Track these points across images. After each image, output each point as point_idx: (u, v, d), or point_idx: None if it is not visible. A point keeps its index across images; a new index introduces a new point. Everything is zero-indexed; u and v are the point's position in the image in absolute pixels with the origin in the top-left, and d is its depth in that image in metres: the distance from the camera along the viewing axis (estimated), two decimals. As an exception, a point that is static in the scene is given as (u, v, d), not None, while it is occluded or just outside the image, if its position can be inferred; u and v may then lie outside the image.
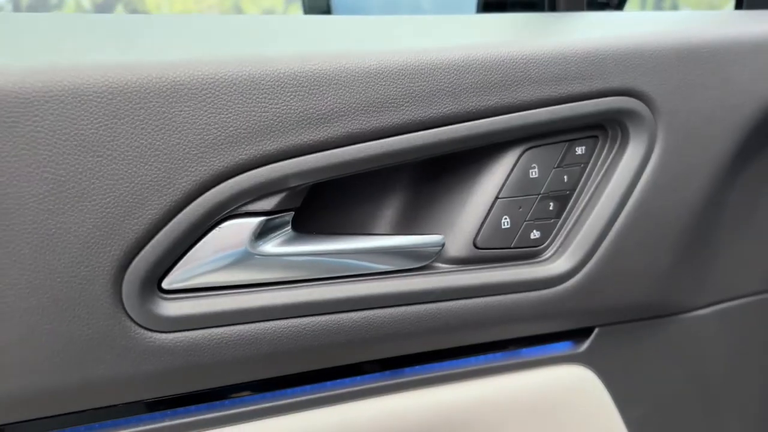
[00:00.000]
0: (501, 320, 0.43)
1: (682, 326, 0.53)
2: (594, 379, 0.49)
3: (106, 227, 0.29)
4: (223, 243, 0.33)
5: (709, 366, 0.56)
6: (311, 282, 0.37)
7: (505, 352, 0.47)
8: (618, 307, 0.47)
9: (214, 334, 0.34)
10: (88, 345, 0.31)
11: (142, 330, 0.32)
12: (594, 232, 0.43)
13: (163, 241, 0.31)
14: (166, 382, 0.34)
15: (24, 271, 0.28)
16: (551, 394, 0.47)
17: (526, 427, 0.47)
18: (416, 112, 0.35)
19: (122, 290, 0.31)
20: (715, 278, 0.52)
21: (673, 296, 0.50)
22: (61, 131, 0.28)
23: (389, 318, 0.39)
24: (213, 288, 0.34)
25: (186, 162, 0.30)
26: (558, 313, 0.45)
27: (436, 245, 0.40)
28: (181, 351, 0.33)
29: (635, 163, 0.43)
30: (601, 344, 0.49)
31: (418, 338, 0.41)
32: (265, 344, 0.35)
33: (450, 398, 0.44)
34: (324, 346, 0.37)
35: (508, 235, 0.42)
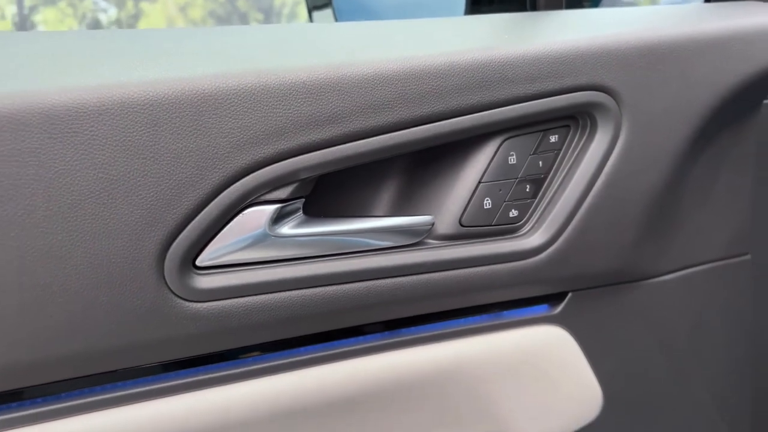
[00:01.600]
0: (484, 287, 0.48)
1: (647, 291, 0.57)
2: (567, 337, 0.54)
3: (150, 216, 0.35)
4: (246, 227, 0.38)
5: (672, 326, 0.60)
6: (320, 258, 0.42)
7: (489, 315, 0.51)
8: (588, 275, 0.52)
9: (240, 302, 0.39)
10: (137, 313, 0.36)
11: (181, 300, 0.37)
12: (565, 210, 0.48)
13: (197, 227, 0.36)
14: (200, 343, 0.39)
15: (86, 254, 0.34)
16: (530, 350, 0.52)
17: (508, 379, 0.51)
18: (407, 112, 0.40)
19: (164, 268, 0.36)
20: (677, 248, 0.57)
21: (637, 264, 0.54)
22: (112, 138, 0.33)
23: (387, 287, 0.44)
24: (238, 264, 0.39)
25: (214, 161, 0.36)
26: (534, 281, 0.49)
27: (427, 224, 0.45)
28: (213, 317, 0.38)
29: (602, 149, 0.47)
30: (573, 307, 0.53)
31: (413, 304, 0.46)
32: (282, 310, 0.40)
33: (441, 354, 0.48)
34: (332, 312, 0.43)
35: (489, 214, 0.46)
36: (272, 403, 0.43)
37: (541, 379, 0.54)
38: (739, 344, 0.68)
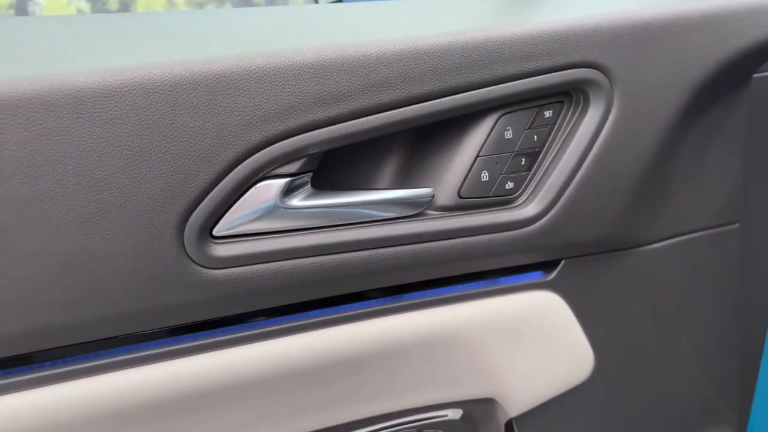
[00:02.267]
0: (481, 255, 0.50)
1: (638, 258, 0.59)
2: (560, 302, 0.56)
3: (171, 190, 0.37)
4: (258, 199, 0.41)
5: (662, 292, 0.63)
6: (327, 228, 0.44)
7: (485, 281, 0.53)
8: (580, 243, 0.54)
9: (254, 270, 0.42)
10: (160, 279, 0.39)
11: (199, 267, 0.40)
12: (559, 182, 0.50)
13: (214, 199, 0.39)
14: (217, 307, 0.42)
15: (112, 225, 0.37)
16: (524, 315, 0.55)
17: (503, 341, 0.54)
18: (409, 90, 0.42)
19: (184, 237, 0.38)
20: (666, 217, 0.58)
21: (628, 233, 0.56)
22: (134, 118, 0.36)
23: (390, 255, 0.46)
24: (252, 234, 0.41)
25: (229, 138, 0.38)
26: (529, 249, 0.52)
27: (427, 196, 0.47)
28: (229, 283, 0.41)
29: (594, 124, 0.49)
30: (566, 274, 0.56)
31: (414, 271, 0.49)
32: (293, 277, 0.43)
33: (439, 318, 0.51)
34: (339, 278, 0.45)
35: (487, 186, 0.49)
36: (283, 363, 0.46)
37: (535, 341, 0.56)
38: (727, 310, 0.70)
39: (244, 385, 0.46)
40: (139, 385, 0.42)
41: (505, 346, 0.55)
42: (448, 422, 0.54)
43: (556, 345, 0.58)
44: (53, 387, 0.40)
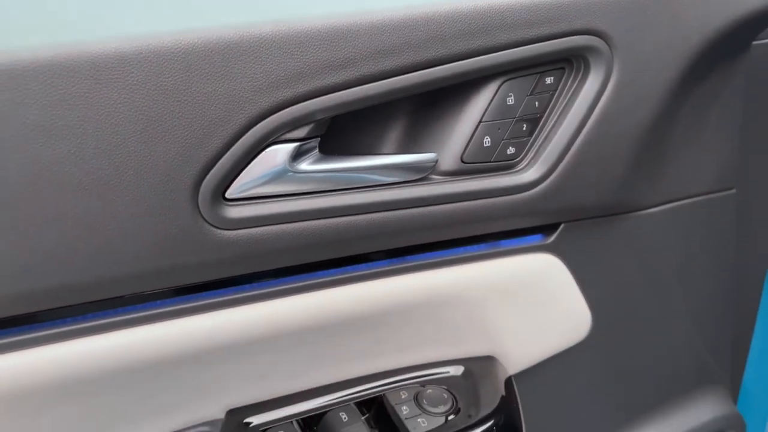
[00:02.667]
0: (483, 219, 0.51)
1: (636, 222, 0.60)
2: (559, 264, 0.58)
3: (185, 153, 0.39)
4: (268, 163, 0.42)
5: (658, 255, 0.64)
6: (334, 192, 0.45)
7: (487, 244, 0.54)
8: (579, 207, 0.55)
9: (265, 231, 0.43)
10: (175, 240, 0.41)
11: (213, 228, 0.41)
12: (559, 147, 0.51)
13: (226, 163, 0.40)
14: (229, 267, 0.44)
15: (130, 187, 0.38)
16: (524, 276, 0.56)
17: (503, 302, 0.56)
18: (413, 57, 0.43)
19: (198, 199, 0.40)
20: (664, 182, 0.60)
21: (626, 198, 0.57)
22: (149, 84, 0.37)
23: (394, 219, 0.48)
24: (262, 197, 0.43)
25: (241, 103, 0.39)
26: (530, 212, 0.53)
27: (431, 161, 0.48)
28: (241, 244, 0.43)
29: (595, 90, 0.50)
30: (565, 237, 0.57)
31: (417, 234, 0.50)
32: (301, 239, 0.44)
33: (443, 279, 0.53)
34: (345, 240, 0.47)
35: (489, 152, 0.50)
36: (291, 321, 0.48)
37: (534, 302, 0.58)
38: (722, 275, 0.72)
39: (254, 342, 0.48)
40: (156, 341, 0.44)
41: (504, 306, 0.57)
42: (450, 378, 0.57)
43: (554, 306, 0.60)
44: (73, 342, 0.42)
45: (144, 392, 0.46)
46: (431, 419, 0.52)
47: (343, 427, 0.51)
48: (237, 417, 0.50)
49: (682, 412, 0.74)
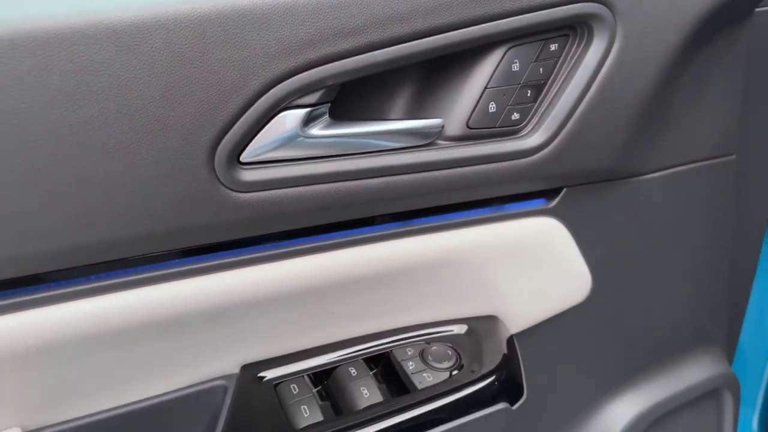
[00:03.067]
0: (488, 183, 0.53)
1: (635, 187, 0.62)
2: (561, 227, 0.59)
3: (202, 118, 0.40)
4: (280, 128, 0.43)
5: (658, 220, 0.66)
6: (344, 156, 0.47)
7: (491, 207, 0.56)
8: (581, 172, 0.57)
9: (277, 194, 0.45)
10: (192, 202, 0.42)
11: (228, 191, 0.43)
12: (562, 113, 0.52)
13: (241, 127, 0.41)
14: (244, 228, 0.45)
15: (150, 150, 0.40)
16: (527, 239, 0.58)
17: (506, 264, 0.58)
18: (422, 24, 0.44)
19: (215, 162, 0.41)
20: (665, 147, 0.61)
21: (627, 163, 0.59)
22: (167, 50, 0.38)
23: (402, 183, 0.49)
24: (275, 161, 0.44)
25: (254, 69, 0.41)
26: (533, 177, 0.54)
27: (438, 126, 0.49)
28: (255, 206, 0.44)
29: (598, 57, 0.51)
30: (567, 201, 0.58)
31: (424, 197, 0.51)
32: (312, 201, 0.46)
33: (447, 242, 0.54)
34: (354, 203, 0.48)
35: (494, 117, 0.51)
36: (302, 280, 0.50)
37: (536, 264, 0.60)
38: (720, 240, 0.74)
39: (267, 300, 0.49)
40: (173, 299, 0.46)
41: (507, 268, 0.58)
42: (454, 336, 0.59)
43: (555, 268, 0.61)
44: (95, 299, 0.44)
45: (162, 348, 0.48)
46: (436, 374, 0.54)
47: (351, 381, 0.53)
48: (251, 372, 0.52)
49: (678, 371, 0.76)
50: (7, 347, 0.42)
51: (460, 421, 0.52)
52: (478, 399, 0.53)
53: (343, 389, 0.53)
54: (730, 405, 0.81)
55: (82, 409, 0.48)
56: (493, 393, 0.54)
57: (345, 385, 0.53)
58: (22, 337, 0.42)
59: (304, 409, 0.50)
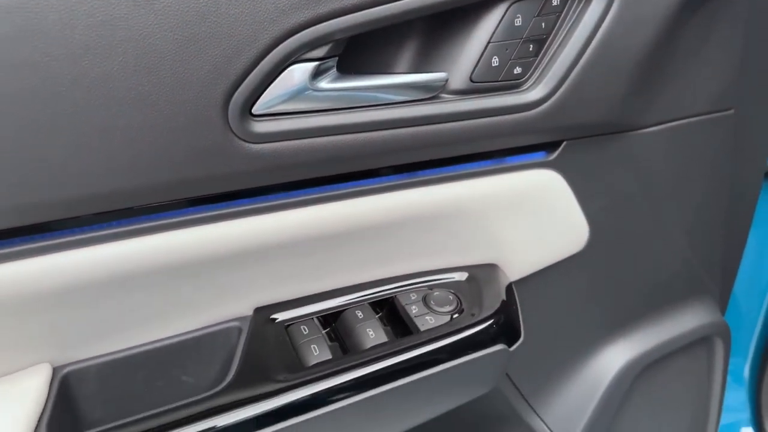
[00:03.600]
0: (490, 136, 0.54)
1: (634, 141, 0.63)
2: (560, 180, 0.61)
3: (216, 71, 0.42)
4: (290, 81, 0.45)
5: (655, 173, 0.67)
6: (351, 109, 0.48)
7: (493, 160, 0.57)
8: (581, 125, 0.58)
9: (287, 145, 0.46)
10: (207, 152, 0.44)
11: (241, 142, 0.45)
12: (564, 67, 0.53)
13: (253, 80, 0.43)
14: (256, 178, 0.48)
15: (167, 102, 0.42)
16: (527, 191, 0.60)
17: (507, 214, 0.60)
18: None
19: (228, 114, 0.43)
20: (664, 102, 0.62)
21: (626, 117, 0.60)
22: (182, 6, 0.40)
23: (407, 135, 0.50)
24: (285, 113, 0.46)
25: (265, 24, 0.42)
26: (534, 130, 0.56)
27: (442, 80, 0.50)
28: (267, 156, 0.46)
29: (599, 11, 0.52)
30: (567, 154, 0.60)
31: (429, 149, 0.53)
32: (322, 152, 0.48)
33: (450, 193, 0.56)
34: (360, 155, 0.50)
35: (496, 71, 0.52)
36: (311, 228, 0.52)
37: (536, 215, 0.62)
38: (717, 193, 0.75)
39: (278, 246, 0.52)
40: (191, 244, 0.49)
41: (508, 218, 0.60)
42: (455, 283, 0.61)
43: (554, 218, 0.63)
44: (117, 243, 0.46)
45: (181, 291, 0.51)
46: (438, 317, 0.57)
47: (358, 323, 0.56)
48: (264, 314, 0.55)
49: (670, 319, 0.79)
50: (36, 288, 0.45)
51: (460, 361, 0.55)
52: (477, 341, 0.56)
53: (351, 331, 0.56)
54: (720, 352, 0.85)
55: (107, 347, 0.51)
56: (491, 335, 0.57)
57: (352, 326, 0.56)
58: (50, 279, 0.45)
59: (314, 348, 0.53)
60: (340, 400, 0.50)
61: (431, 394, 0.56)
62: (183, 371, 0.54)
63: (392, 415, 0.55)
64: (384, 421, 0.55)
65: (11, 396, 0.46)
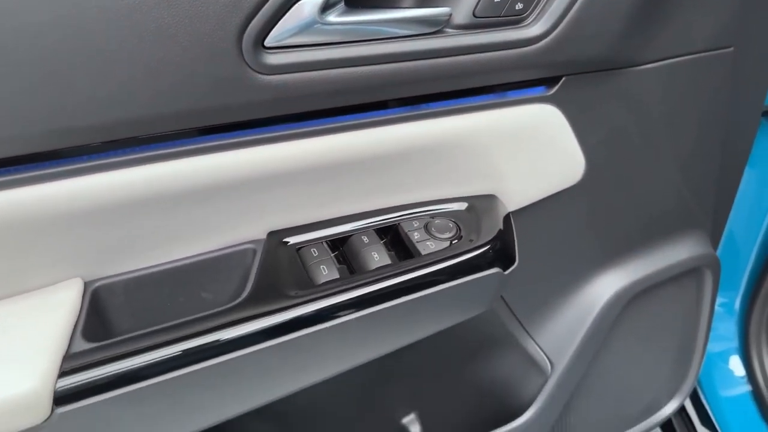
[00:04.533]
0: (492, 70, 0.56)
1: (632, 77, 0.65)
2: (559, 114, 0.63)
3: (231, 4, 0.44)
4: (300, 15, 0.47)
5: (652, 110, 0.69)
6: (358, 42, 0.50)
7: (494, 94, 0.60)
8: (580, 61, 0.60)
9: (297, 76, 0.49)
10: (223, 82, 0.47)
11: (255, 73, 0.47)
12: (564, 3, 0.55)
13: (265, 14, 0.45)
14: (268, 108, 0.50)
15: (186, 35, 0.44)
16: (527, 124, 0.62)
17: (506, 147, 0.62)
18: None
19: (242, 47, 0.46)
20: (662, 39, 0.63)
21: (625, 53, 0.61)
22: None
23: (412, 68, 0.53)
24: (295, 46, 0.49)
25: None
26: (534, 65, 0.58)
27: (445, 15, 0.52)
28: (279, 88, 0.49)
29: None
30: (566, 89, 0.62)
31: (432, 83, 0.55)
32: (330, 84, 0.50)
33: (452, 125, 0.59)
34: (367, 87, 0.52)
35: (499, 7, 0.54)
36: (318, 157, 0.55)
37: (534, 148, 0.64)
38: (712, 131, 0.77)
39: (290, 174, 0.55)
40: (208, 169, 0.52)
41: (507, 150, 0.63)
42: (455, 212, 0.65)
43: (552, 151, 0.66)
44: (140, 168, 0.50)
45: (200, 213, 0.55)
46: (438, 243, 0.61)
47: (364, 246, 0.60)
48: (276, 237, 0.59)
49: (662, 250, 0.83)
50: (68, 208, 0.49)
51: (458, 282, 0.59)
52: (473, 264, 0.60)
53: (357, 254, 0.60)
54: (709, 283, 0.89)
55: (133, 264, 0.56)
56: (487, 260, 0.61)
57: (358, 250, 0.60)
58: (81, 200, 0.49)
59: (323, 268, 0.58)
60: (346, 315, 0.55)
61: (430, 312, 0.60)
62: (202, 288, 0.58)
63: (394, 331, 0.60)
64: (386, 336, 0.60)
65: (49, 305, 0.51)
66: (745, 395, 1.05)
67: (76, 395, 0.47)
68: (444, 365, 0.86)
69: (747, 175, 0.99)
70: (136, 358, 0.48)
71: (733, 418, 1.04)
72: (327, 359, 0.57)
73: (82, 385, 0.47)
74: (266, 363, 0.53)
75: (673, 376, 0.96)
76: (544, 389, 0.81)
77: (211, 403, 0.53)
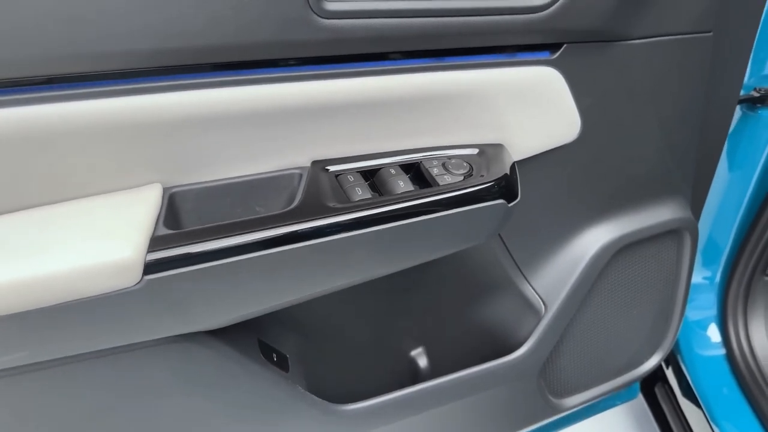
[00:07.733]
0: (501, 32, 0.67)
1: (624, 50, 0.75)
2: (560, 77, 0.72)
3: None
4: None
5: (639, 81, 0.79)
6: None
7: (506, 54, 0.69)
8: (579, 31, 0.70)
9: (350, 22, 0.60)
10: (289, 22, 0.57)
11: (315, 16, 0.58)
12: None
13: None
14: (324, 48, 0.62)
15: None
16: (531, 83, 0.72)
17: (513, 102, 0.73)
18: None
19: None
20: (650, 17, 0.74)
21: (617, 27, 0.72)
22: None
23: (430, 24, 0.64)
24: None
25: None
26: (539, 31, 0.68)
27: None
28: (336, 30, 0.60)
29: None
30: (567, 55, 0.71)
31: (444, 38, 0.66)
32: (374, 31, 0.62)
33: (469, 77, 0.69)
34: (403, 37, 0.63)
35: None
36: (359, 95, 0.66)
37: (537, 105, 0.75)
38: (692, 106, 0.87)
39: (335, 108, 0.66)
40: (265, 97, 0.62)
41: (513, 105, 0.74)
42: (467, 156, 0.76)
43: (552, 111, 0.76)
44: (213, 90, 0.60)
45: (258, 137, 0.66)
46: (453, 177, 0.72)
47: (391, 177, 0.71)
48: (319, 165, 0.71)
49: (646, 210, 0.94)
50: (155, 119, 0.60)
51: (468, 208, 0.71)
52: (482, 195, 0.71)
53: (385, 182, 0.71)
54: (688, 244, 1.00)
55: (201, 177, 0.67)
56: (494, 193, 0.72)
57: (386, 179, 0.71)
58: (165, 112, 0.60)
59: (358, 189, 0.69)
60: (376, 225, 0.67)
61: (444, 233, 0.72)
62: (257, 203, 0.70)
63: (413, 247, 0.71)
64: (406, 250, 0.71)
65: (139, 199, 0.63)
66: (720, 357, 1.16)
67: (161, 266, 0.58)
68: (450, 305, 0.98)
69: (728, 157, 1.11)
70: (208, 243, 0.60)
71: (708, 378, 1.15)
72: (357, 264, 0.69)
73: (166, 259, 0.58)
74: (308, 261, 0.65)
75: (654, 333, 1.07)
76: (537, 328, 0.93)
77: (265, 290, 0.65)
